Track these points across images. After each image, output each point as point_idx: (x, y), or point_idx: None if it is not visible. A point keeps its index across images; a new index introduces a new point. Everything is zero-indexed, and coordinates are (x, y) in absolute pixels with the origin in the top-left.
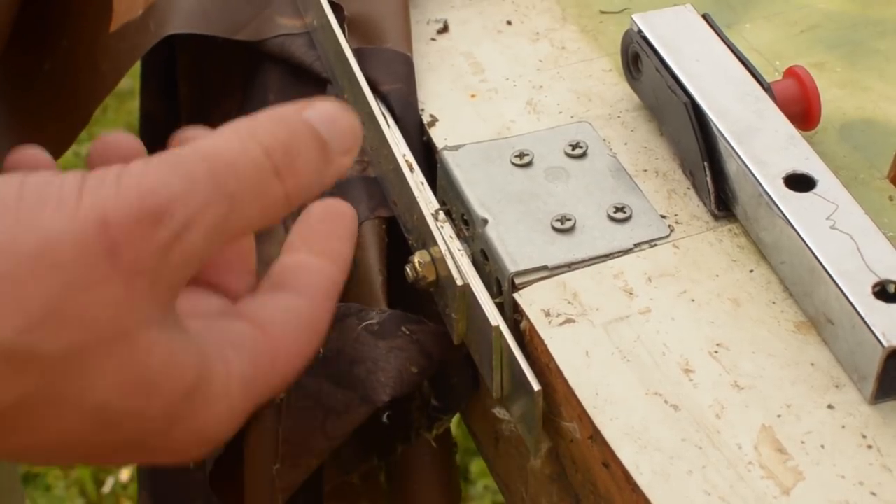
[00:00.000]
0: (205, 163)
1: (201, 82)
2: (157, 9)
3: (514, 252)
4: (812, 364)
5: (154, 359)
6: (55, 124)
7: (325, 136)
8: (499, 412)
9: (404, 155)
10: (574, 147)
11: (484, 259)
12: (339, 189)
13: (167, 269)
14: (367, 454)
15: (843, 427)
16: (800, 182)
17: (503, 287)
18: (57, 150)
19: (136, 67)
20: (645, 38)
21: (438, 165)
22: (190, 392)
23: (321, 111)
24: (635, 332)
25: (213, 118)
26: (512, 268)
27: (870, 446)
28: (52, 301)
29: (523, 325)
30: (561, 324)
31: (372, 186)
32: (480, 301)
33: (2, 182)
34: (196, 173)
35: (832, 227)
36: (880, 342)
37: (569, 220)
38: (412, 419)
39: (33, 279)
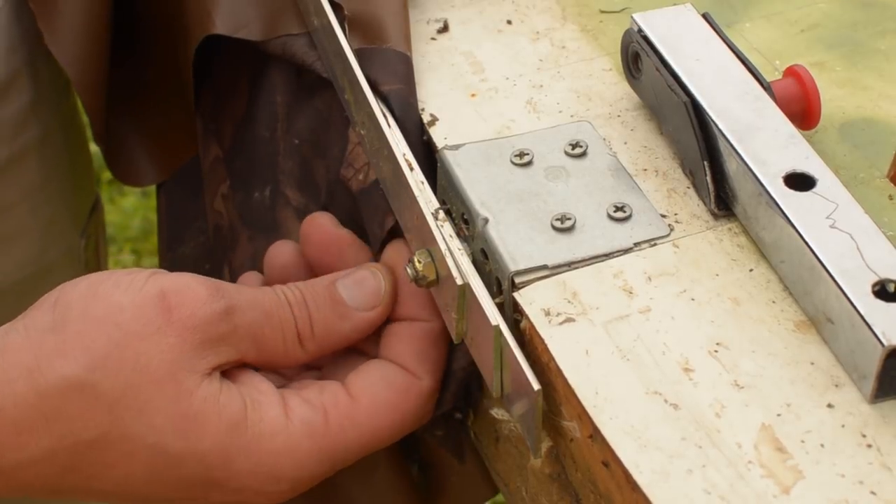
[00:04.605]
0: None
1: (211, 84)
2: (189, 18)
3: (514, 251)
4: (812, 363)
5: (196, 399)
6: (174, 132)
7: (343, 298)
8: (497, 413)
9: (404, 154)
10: (574, 146)
11: (484, 258)
12: (352, 199)
13: (213, 333)
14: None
15: (843, 426)
16: (800, 181)
17: (503, 286)
18: (182, 157)
19: None
20: (645, 38)
21: (438, 165)
22: (235, 425)
23: (350, 277)
24: (635, 332)
25: (223, 119)
26: (512, 267)
27: (869, 445)
28: (112, 348)
29: (523, 324)
30: (561, 323)
31: (374, 196)
32: (480, 300)
33: (93, 278)
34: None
35: (832, 227)
36: (880, 341)
37: (569, 219)
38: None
39: (98, 332)
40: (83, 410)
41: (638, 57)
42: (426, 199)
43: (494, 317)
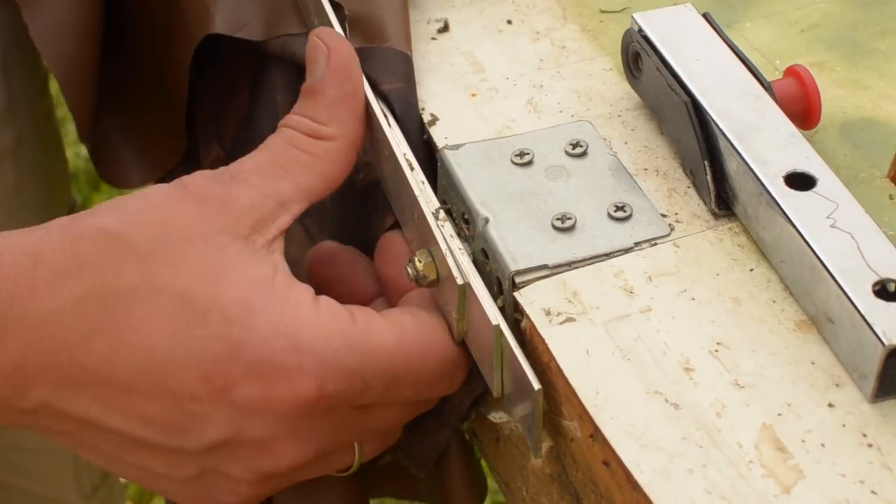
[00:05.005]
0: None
1: (211, 84)
2: (186, 17)
3: (514, 251)
4: (812, 363)
5: (225, 254)
6: (162, 133)
7: (311, 83)
8: (495, 417)
9: (405, 154)
10: (574, 146)
11: (484, 258)
12: (356, 196)
13: (234, 197)
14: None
15: (844, 426)
16: (800, 181)
17: (504, 286)
18: (170, 160)
19: None
20: (645, 37)
21: (439, 164)
22: (260, 282)
23: (308, 66)
24: (636, 331)
25: (224, 119)
26: (512, 266)
27: (870, 445)
28: (142, 209)
29: (524, 323)
30: (561, 323)
31: (373, 195)
32: (481, 300)
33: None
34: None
35: (832, 226)
36: (881, 341)
37: (569, 218)
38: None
39: (129, 201)
40: (114, 258)
41: (638, 57)
42: (426, 199)
43: (495, 316)
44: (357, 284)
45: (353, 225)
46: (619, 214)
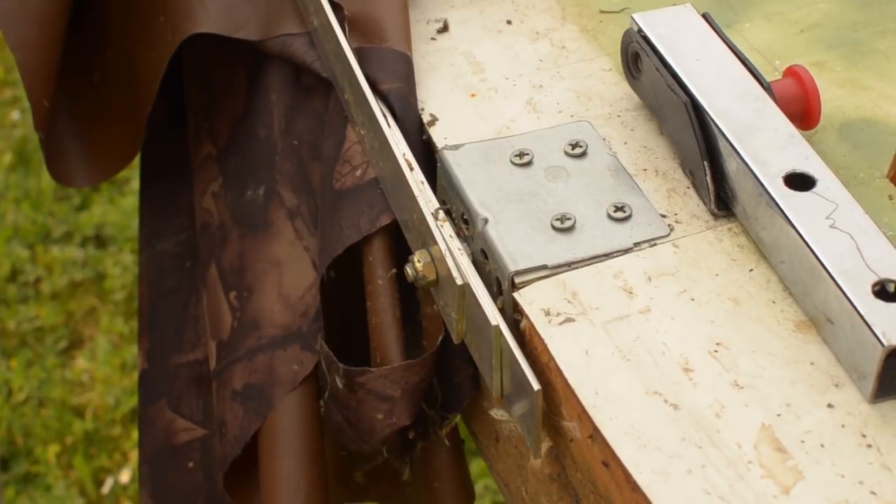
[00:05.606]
0: None
1: (207, 83)
2: (172, 16)
3: (513, 251)
4: (812, 363)
5: None
6: (116, 132)
7: None
8: (496, 413)
9: (404, 154)
10: (574, 146)
11: (484, 258)
12: (339, 199)
13: None
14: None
15: (843, 426)
16: (799, 181)
17: (503, 286)
18: (123, 159)
19: None
20: (645, 38)
21: (438, 165)
22: None
23: None
24: (635, 332)
25: (218, 118)
26: (512, 267)
27: (869, 445)
28: None
29: (523, 324)
30: (561, 323)
31: (371, 193)
32: (480, 300)
33: None
34: None
35: (832, 227)
36: (880, 341)
37: (568, 219)
38: (428, 418)
39: None
40: None
41: (638, 57)
42: (426, 199)
43: (494, 317)
44: None
45: (343, 224)
46: (619, 215)
